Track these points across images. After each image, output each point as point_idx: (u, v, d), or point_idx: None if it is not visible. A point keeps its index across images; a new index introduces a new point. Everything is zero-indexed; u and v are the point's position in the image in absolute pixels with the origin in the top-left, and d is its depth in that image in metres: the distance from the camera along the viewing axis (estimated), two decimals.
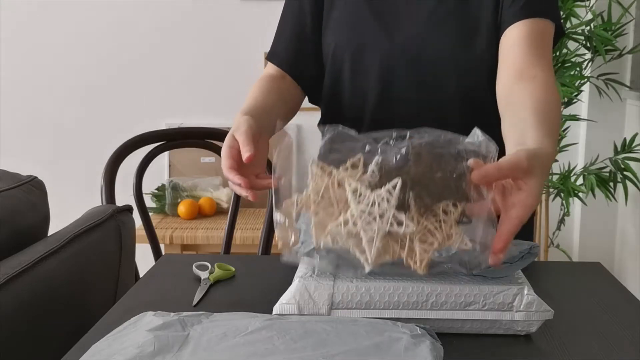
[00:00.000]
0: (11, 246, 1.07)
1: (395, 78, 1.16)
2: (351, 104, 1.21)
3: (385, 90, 1.17)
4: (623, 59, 2.55)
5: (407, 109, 1.17)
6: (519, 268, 0.87)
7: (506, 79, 1.06)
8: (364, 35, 1.17)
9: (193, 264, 1.11)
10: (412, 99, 1.16)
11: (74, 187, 2.86)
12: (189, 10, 2.83)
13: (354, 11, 1.19)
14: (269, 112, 1.11)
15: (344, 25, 1.20)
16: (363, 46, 1.17)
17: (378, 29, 1.16)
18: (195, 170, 2.82)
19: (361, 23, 1.18)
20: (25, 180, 1.21)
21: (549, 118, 0.92)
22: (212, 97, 2.89)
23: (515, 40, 1.08)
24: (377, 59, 1.16)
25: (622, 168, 2.40)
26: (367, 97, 1.19)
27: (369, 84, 1.18)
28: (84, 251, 1.16)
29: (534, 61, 1.05)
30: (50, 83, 2.92)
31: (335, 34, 1.20)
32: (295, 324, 0.79)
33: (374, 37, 1.16)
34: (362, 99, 1.19)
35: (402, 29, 1.16)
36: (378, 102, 1.18)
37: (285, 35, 1.26)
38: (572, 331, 0.88)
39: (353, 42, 1.18)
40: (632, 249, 2.66)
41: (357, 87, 1.19)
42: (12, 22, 2.88)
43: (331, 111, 1.26)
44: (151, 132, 1.65)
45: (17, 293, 0.96)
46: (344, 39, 1.19)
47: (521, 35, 1.08)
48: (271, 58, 1.29)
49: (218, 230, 2.47)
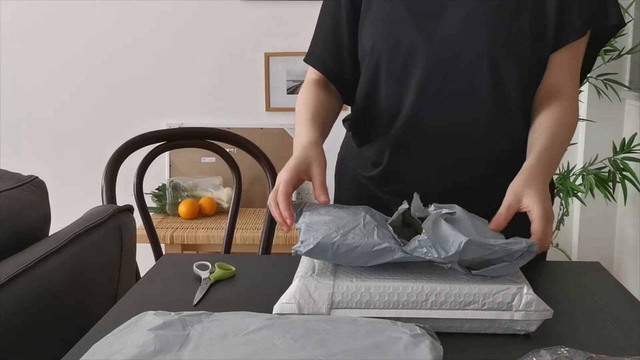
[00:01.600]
0: (12, 246, 1.07)
1: (431, 79, 1.13)
2: (386, 107, 1.19)
3: (422, 91, 1.14)
4: (622, 60, 2.55)
5: (445, 113, 1.15)
6: (517, 266, 0.87)
7: (542, 93, 1.15)
8: (400, 35, 1.14)
9: (193, 263, 1.12)
10: (449, 102, 1.14)
11: (74, 187, 2.86)
12: (189, 10, 2.83)
13: (390, 10, 1.16)
14: (326, 127, 1.19)
15: (379, 24, 1.17)
16: (399, 46, 1.14)
17: (414, 29, 1.13)
18: (195, 170, 2.83)
19: (396, 22, 1.15)
20: (26, 180, 1.22)
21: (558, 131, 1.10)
22: (212, 97, 2.90)
23: (565, 62, 1.15)
24: (413, 60, 1.13)
25: (621, 168, 2.41)
26: (403, 98, 1.16)
27: (406, 86, 1.15)
28: (85, 251, 1.16)
29: (569, 84, 1.15)
30: (51, 83, 2.92)
31: (370, 34, 1.18)
32: (295, 323, 0.80)
33: (411, 37, 1.13)
34: (397, 100, 1.17)
35: (439, 29, 1.12)
36: (414, 103, 1.15)
37: (322, 36, 1.25)
38: (571, 331, 0.88)
39: (388, 42, 1.15)
40: (631, 249, 2.66)
41: (393, 88, 1.17)
42: (13, 23, 2.88)
43: (363, 112, 1.23)
44: (152, 132, 1.65)
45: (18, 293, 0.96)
46: (380, 39, 1.16)
47: (571, 58, 1.15)
48: (311, 62, 1.27)
49: (218, 230, 2.48)
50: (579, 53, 1.15)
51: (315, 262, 0.91)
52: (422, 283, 0.84)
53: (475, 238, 0.84)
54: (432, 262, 0.85)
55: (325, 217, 0.92)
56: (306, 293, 0.85)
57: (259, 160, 1.69)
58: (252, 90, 2.86)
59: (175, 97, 2.90)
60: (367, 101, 1.22)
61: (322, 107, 1.20)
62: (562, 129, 1.10)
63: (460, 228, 0.87)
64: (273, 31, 2.80)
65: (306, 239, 0.87)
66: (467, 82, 1.12)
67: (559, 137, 1.09)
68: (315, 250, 0.86)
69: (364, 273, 0.87)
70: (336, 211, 0.95)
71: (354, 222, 0.90)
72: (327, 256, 0.86)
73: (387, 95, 1.18)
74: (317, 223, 0.90)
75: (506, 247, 0.85)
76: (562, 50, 1.13)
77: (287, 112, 2.79)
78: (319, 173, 1.00)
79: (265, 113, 2.86)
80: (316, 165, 1.01)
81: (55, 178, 1.94)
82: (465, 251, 0.83)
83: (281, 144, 2.74)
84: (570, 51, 1.14)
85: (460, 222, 0.90)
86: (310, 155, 1.02)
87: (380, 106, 1.19)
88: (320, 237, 0.86)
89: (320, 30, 1.26)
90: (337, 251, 0.85)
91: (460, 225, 0.89)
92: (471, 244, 0.83)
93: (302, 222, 0.92)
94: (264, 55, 2.83)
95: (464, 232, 0.85)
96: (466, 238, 0.83)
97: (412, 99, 1.15)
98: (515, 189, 0.98)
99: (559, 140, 1.09)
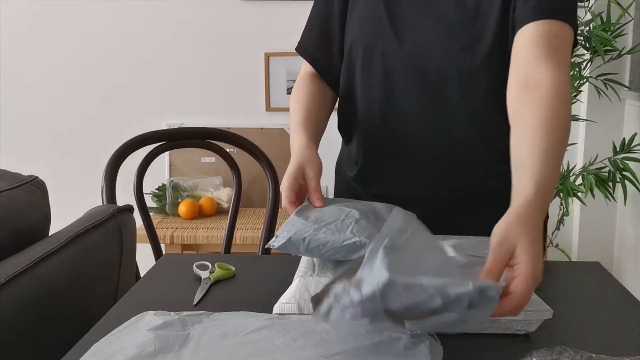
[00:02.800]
0: (12, 246, 1.07)
1: (400, 82, 1.15)
2: (361, 106, 1.20)
3: (390, 92, 1.16)
4: (622, 60, 2.55)
5: (413, 115, 1.16)
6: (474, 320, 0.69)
7: (513, 88, 1.02)
8: (376, 35, 1.16)
9: (193, 263, 1.12)
10: (417, 104, 1.15)
11: (74, 187, 2.86)
12: (189, 10, 2.83)
13: (371, 9, 1.17)
14: (320, 123, 1.19)
15: (360, 22, 1.19)
16: (374, 46, 1.16)
17: (390, 33, 1.15)
18: (195, 170, 2.83)
19: (375, 22, 1.16)
20: (26, 180, 1.22)
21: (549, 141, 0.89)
22: (212, 97, 2.90)
23: (524, 42, 1.03)
24: (384, 61, 1.15)
25: (621, 168, 2.41)
26: (375, 100, 1.18)
27: (376, 86, 1.17)
28: (85, 251, 1.16)
29: (541, 64, 0.98)
30: (52, 83, 2.92)
31: (353, 31, 1.20)
32: (295, 323, 0.80)
33: (385, 38, 1.15)
34: (369, 101, 1.19)
35: (411, 36, 1.14)
36: (385, 106, 1.17)
37: (313, 30, 1.26)
38: (571, 331, 0.88)
39: (365, 41, 1.17)
40: (631, 249, 2.66)
41: (366, 87, 1.18)
42: (13, 23, 2.88)
43: (344, 106, 1.25)
44: (152, 132, 1.65)
45: (18, 293, 0.96)
46: (359, 36, 1.18)
47: (531, 36, 1.02)
48: (302, 52, 1.28)
49: (218, 230, 2.48)
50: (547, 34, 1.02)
51: (316, 261, 0.91)
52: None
53: (403, 276, 0.63)
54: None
55: (312, 213, 0.94)
56: (306, 293, 0.85)
57: (259, 160, 1.69)
58: (252, 90, 2.86)
59: (175, 97, 2.90)
60: (346, 97, 1.23)
61: (315, 103, 1.21)
62: (553, 137, 0.90)
63: (396, 260, 0.66)
64: (273, 31, 2.80)
65: (280, 234, 0.89)
66: (436, 89, 1.13)
67: (552, 152, 0.88)
68: (288, 245, 0.88)
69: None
70: (328, 207, 0.96)
71: (334, 217, 0.91)
72: (300, 251, 0.88)
73: (362, 93, 1.19)
74: (298, 218, 0.92)
75: (444, 289, 0.63)
76: (526, 29, 1.03)
77: (287, 112, 2.76)
78: (312, 176, 1.02)
79: (265, 113, 2.86)
80: (309, 169, 1.02)
81: (55, 178, 1.94)
82: (389, 295, 0.62)
83: (281, 144, 2.74)
84: (540, 29, 1.02)
85: (403, 252, 0.70)
86: (304, 159, 1.04)
87: (356, 104, 1.21)
88: (293, 232, 0.88)
89: (312, 23, 1.27)
90: (308, 246, 0.86)
91: (402, 256, 0.68)
92: (394, 286, 0.62)
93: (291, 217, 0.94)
94: (264, 55, 2.83)
95: (398, 267, 0.64)
96: (387, 276, 0.62)
97: (384, 102, 1.16)
98: (507, 234, 0.75)
99: (553, 155, 0.88)
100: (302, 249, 0.86)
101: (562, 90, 0.96)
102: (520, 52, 1.03)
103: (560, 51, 1.01)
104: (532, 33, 1.02)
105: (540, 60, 0.99)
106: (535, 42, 1.01)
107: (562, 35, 1.03)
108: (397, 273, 0.62)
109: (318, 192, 1.00)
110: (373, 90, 1.18)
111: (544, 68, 0.98)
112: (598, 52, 2.36)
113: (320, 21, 1.25)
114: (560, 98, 0.95)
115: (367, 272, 0.65)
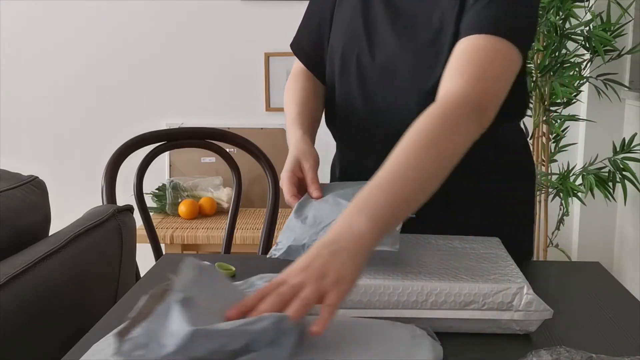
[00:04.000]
0: (12, 246, 1.07)
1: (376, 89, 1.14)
2: (340, 106, 1.21)
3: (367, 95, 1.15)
4: (622, 60, 2.55)
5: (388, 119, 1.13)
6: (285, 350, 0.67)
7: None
8: (353, 42, 1.16)
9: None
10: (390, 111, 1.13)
11: (74, 187, 2.86)
12: (189, 11, 2.83)
13: (351, 14, 1.18)
14: (315, 117, 1.21)
15: (341, 25, 1.20)
16: (350, 51, 1.16)
17: (365, 42, 1.15)
18: (195, 170, 2.83)
19: (353, 28, 1.17)
20: (26, 180, 1.21)
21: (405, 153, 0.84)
22: (212, 97, 2.90)
23: (450, 60, 0.99)
24: (359, 69, 1.15)
25: (621, 168, 2.41)
26: (351, 104, 1.18)
27: (354, 90, 1.17)
28: (85, 251, 1.16)
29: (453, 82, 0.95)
30: (51, 83, 2.92)
31: (334, 31, 1.21)
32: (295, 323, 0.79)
33: (360, 48, 1.15)
34: (346, 104, 1.19)
35: (384, 46, 1.13)
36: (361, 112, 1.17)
37: (308, 28, 1.28)
38: (571, 331, 0.88)
39: (342, 44, 1.18)
40: (631, 249, 2.66)
41: (344, 89, 1.19)
42: (13, 23, 2.88)
43: (328, 103, 1.26)
44: (152, 132, 1.65)
45: (18, 293, 0.96)
46: (339, 38, 1.19)
47: (457, 54, 0.98)
48: (295, 49, 1.31)
49: (218, 230, 2.48)
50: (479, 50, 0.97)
51: None
52: (422, 283, 0.84)
53: (205, 326, 0.64)
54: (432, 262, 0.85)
55: (310, 211, 0.95)
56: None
57: (259, 160, 1.69)
58: (252, 90, 2.86)
59: (175, 97, 2.90)
60: (328, 95, 1.24)
61: (308, 98, 1.23)
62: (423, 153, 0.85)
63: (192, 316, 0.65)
64: (273, 31, 2.80)
65: (280, 242, 0.92)
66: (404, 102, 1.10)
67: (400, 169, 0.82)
68: (288, 253, 0.91)
69: (364, 273, 0.87)
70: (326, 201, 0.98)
71: (332, 215, 0.91)
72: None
73: (339, 95, 1.20)
74: (297, 221, 0.94)
75: (247, 328, 0.64)
76: (457, 45, 1.00)
77: None
78: (309, 168, 1.05)
79: (265, 113, 2.86)
80: (305, 161, 1.06)
81: (55, 178, 1.94)
82: (194, 346, 0.62)
83: (281, 144, 2.73)
84: (466, 45, 0.99)
85: (199, 308, 0.67)
86: (299, 152, 1.07)
87: (336, 103, 1.22)
88: (292, 239, 0.91)
89: (306, 21, 1.29)
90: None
91: (196, 311, 0.66)
92: (198, 335, 0.62)
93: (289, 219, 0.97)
94: (264, 55, 2.83)
95: (195, 321, 0.64)
96: (190, 329, 0.62)
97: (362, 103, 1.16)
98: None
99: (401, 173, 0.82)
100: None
101: (453, 102, 0.92)
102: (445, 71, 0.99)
103: (475, 65, 0.96)
104: (457, 48, 0.99)
105: (449, 73, 0.97)
106: (455, 57, 0.99)
107: (494, 49, 0.97)
108: (198, 321, 0.64)
109: (315, 182, 1.03)
110: (351, 94, 1.18)
111: (447, 80, 0.96)
112: (598, 52, 2.36)
113: (314, 19, 1.26)
114: (445, 109, 0.91)
115: (161, 323, 0.64)
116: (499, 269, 0.90)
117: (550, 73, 2.41)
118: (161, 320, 0.64)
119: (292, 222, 0.95)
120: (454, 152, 0.88)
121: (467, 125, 0.90)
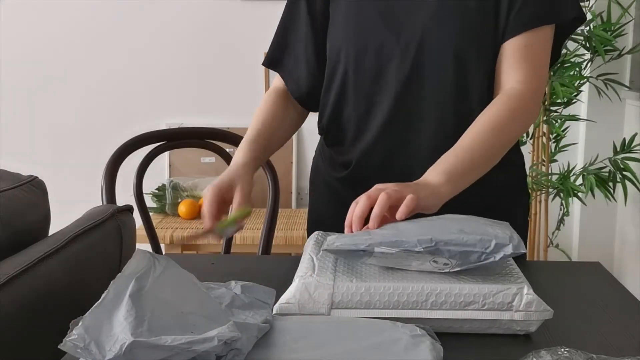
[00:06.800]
0: (11, 246, 1.07)
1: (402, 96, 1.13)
2: (354, 120, 1.19)
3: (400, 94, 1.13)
4: (622, 59, 2.55)
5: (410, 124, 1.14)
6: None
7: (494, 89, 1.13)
8: (369, 34, 1.14)
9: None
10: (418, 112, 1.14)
11: (74, 187, 2.86)
12: (189, 11, 2.83)
13: (358, 11, 1.15)
14: (273, 143, 1.22)
15: (348, 26, 1.17)
16: (367, 47, 1.14)
17: (383, 28, 1.13)
18: (195, 170, 2.82)
19: (365, 22, 1.14)
20: (26, 180, 1.21)
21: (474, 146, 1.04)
22: (212, 97, 2.89)
23: (504, 57, 1.11)
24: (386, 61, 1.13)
25: (621, 168, 2.41)
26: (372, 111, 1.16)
27: (376, 99, 1.15)
28: (85, 251, 1.16)
29: (512, 77, 1.10)
30: (52, 83, 2.92)
31: (339, 37, 1.18)
32: (295, 323, 0.80)
33: (379, 35, 1.13)
34: (365, 113, 1.17)
35: (408, 28, 1.12)
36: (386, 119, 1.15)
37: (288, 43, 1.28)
38: (571, 331, 0.88)
39: (357, 44, 1.15)
40: (631, 249, 2.66)
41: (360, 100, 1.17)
42: (13, 22, 2.88)
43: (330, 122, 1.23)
44: (151, 132, 1.65)
45: (17, 293, 0.96)
46: (349, 40, 1.16)
47: (512, 52, 1.10)
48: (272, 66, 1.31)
49: None
50: (529, 46, 1.10)
51: (316, 262, 0.91)
52: (422, 283, 0.84)
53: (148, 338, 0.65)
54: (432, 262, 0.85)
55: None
56: (306, 293, 0.85)
57: None
58: (252, 90, 2.86)
59: (175, 97, 2.90)
60: (334, 111, 1.21)
61: (272, 124, 1.23)
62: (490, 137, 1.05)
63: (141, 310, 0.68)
64: (273, 31, 2.79)
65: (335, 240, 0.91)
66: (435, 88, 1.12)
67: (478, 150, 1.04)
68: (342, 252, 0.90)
69: (364, 273, 0.87)
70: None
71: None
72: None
73: (355, 106, 1.18)
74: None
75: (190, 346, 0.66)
76: (510, 42, 1.11)
77: None
78: (239, 197, 1.08)
79: None
80: (239, 189, 1.08)
81: (55, 178, 1.94)
82: (136, 355, 0.64)
83: None
84: (518, 43, 1.10)
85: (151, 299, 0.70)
86: (236, 177, 1.10)
87: (348, 118, 1.19)
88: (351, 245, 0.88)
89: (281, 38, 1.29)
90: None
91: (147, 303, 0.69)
92: (140, 347, 0.64)
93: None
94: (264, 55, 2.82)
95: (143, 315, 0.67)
96: (130, 339, 0.64)
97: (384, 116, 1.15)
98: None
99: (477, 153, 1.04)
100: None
101: (515, 99, 1.09)
102: (499, 67, 1.12)
103: (538, 58, 1.11)
104: (514, 47, 1.10)
105: (514, 72, 1.10)
106: (514, 57, 1.11)
107: (542, 40, 1.12)
108: (143, 330, 0.65)
109: (242, 205, 1.08)
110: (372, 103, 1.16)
111: (510, 80, 1.10)
112: (598, 52, 2.36)
113: (289, 38, 1.27)
114: (510, 104, 1.08)
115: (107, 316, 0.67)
116: (499, 269, 0.90)
117: (550, 73, 2.41)
118: (107, 313, 0.68)
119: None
120: (515, 138, 1.12)
121: (527, 115, 1.11)
